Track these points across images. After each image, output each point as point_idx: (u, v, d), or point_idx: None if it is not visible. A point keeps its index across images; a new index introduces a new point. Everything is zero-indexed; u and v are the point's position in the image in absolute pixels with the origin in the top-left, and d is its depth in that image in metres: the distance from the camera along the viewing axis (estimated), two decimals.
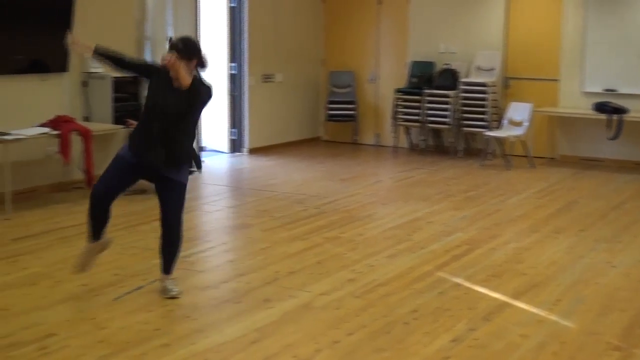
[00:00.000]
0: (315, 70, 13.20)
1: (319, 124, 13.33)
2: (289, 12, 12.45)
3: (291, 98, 12.75)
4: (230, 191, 9.39)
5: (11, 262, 6.07)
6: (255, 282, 5.64)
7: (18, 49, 8.27)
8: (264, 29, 11.96)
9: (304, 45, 12.92)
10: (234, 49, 11.69)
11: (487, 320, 4.93)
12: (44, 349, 4.39)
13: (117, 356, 4.32)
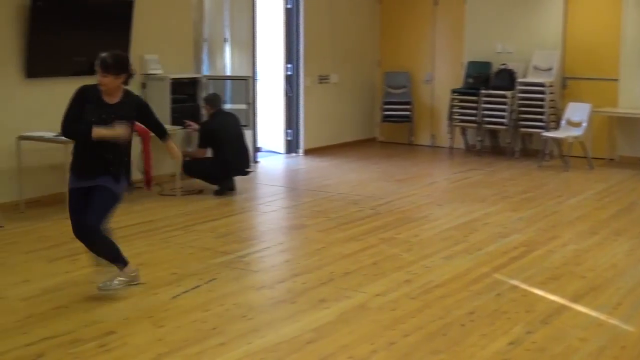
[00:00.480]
0: (370, 71, 13.18)
1: (374, 125, 13.31)
2: (345, 13, 12.46)
3: (347, 99, 12.76)
4: (286, 192, 9.43)
5: (72, 261, 6.17)
6: (311, 282, 5.66)
7: (78, 51, 8.41)
8: (319, 30, 11.99)
9: (360, 46, 12.91)
10: (290, 50, 11.74)
11: (545, 323, 4.87)
12: (104, 346, 4.46)
13: (175, 355, 4.36)
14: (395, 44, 13.05)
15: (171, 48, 9.58)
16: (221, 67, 10.30)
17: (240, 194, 8.89)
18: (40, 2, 7.81)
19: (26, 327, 4.73)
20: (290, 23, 11.69)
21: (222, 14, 10.20)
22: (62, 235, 6.95)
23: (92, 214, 5.17)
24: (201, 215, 7.79)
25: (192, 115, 9.40)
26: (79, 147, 5.30)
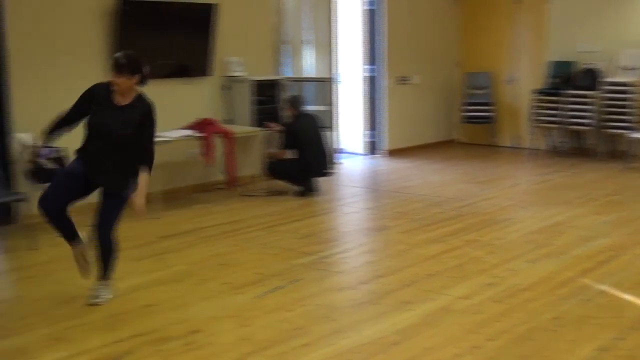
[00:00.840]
0: (451, 71, 13.09)
1: (454, 126, 13.22)
2: (426, 13, 12.40)
3: (427, 100, 12.70)
4: (368, 193, 9.44)
5: (159, 260, 6.31)
6: (393, 283, 5.65)
7: (164, 54, 8.59)
8: (400, 31, 11.96)
9: (440, 47, 12.83)
10: (370, 51, 11.74)
11: (635, 329, 4.76)
12: (190, 345, 4.54)
13: (259, 354, 4.41)
14: (475, 44, 12.93)
15: (253, 50, 9.69)
16: (302, 69, 10.36)
17: (322, 195, 8.93)
18: (126, 6, 8.00)
19: (116, 324, 4.85)
20: (371, 24, 11.69)
21: (302, 15, 10.26)
22: (149, 234, 7.11)
23: (105, 222, 5.20)
24: (284, 216, 7.86)
25: (273, 117, 9.49)
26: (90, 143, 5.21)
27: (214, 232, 7.20)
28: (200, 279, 5.80)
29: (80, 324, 4.87)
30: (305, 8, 10.32)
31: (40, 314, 5.04)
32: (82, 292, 5.47)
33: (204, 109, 9.10)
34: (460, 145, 12.95)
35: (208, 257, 6.39)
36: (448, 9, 12.89)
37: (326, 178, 9.14)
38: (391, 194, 9.06)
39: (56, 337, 4.64)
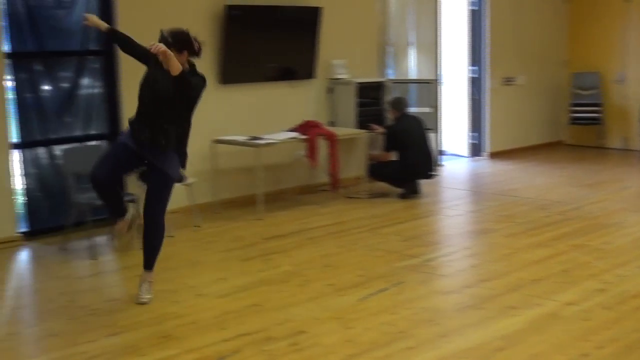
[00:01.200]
0: (557, 72, 12.82)
1: (561, 128, 12.94)
2: (531, 13, 12.19)
3: (532, 101, 12.48)
4: (471, 195, 9.35)
5: (264, 260, 6.41)
6: (498, 288, 5.58)
7: (271, 58, 8.72)
8: (505, 31, 11.80)
9: (546, 47, 12.59)
10: (474, 52, 11.62)
11: None
12: (295, 345, 4.59)
13: (363, 356, 4.42)
14: (583, 44, 12.63)
15: (357, 53, 9.73)
16: (405, 71, 10.35)
17: (425, 197, 8.90)
18: (234, 11, 8.15)
19: (223, 323, 4.95)
20: (474, 25, 11.57)
21: (407, 17, 10.24)
22: (254, 235, 7.23)
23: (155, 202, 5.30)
24: (387, 218, 7.87)
25: (377, 119, 9.51)
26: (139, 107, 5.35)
27: (318, 234, 7.26)
28: (305, 279, 5.87)
29: (188, 322, 4.99)
30: (411, 9, 10.29)
31: (149, 312, 5.18)
32: (190, 290, 5.63)
33: (309, 111, 9.19)
34: (567, 147, 12.67)
35: (313, 258, 6.45)
36: (555, 8, 12.63)
37: (429, 180, 9.09)
38: (495, 196, 8.95)
39: (165, 335, 4.77)
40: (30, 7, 7.03)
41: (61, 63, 7.38)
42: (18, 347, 4.71)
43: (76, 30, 7.38)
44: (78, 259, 6.60)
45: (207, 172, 8.19)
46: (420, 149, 8.80)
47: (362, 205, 8.50)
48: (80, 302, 5.42)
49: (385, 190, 9.07)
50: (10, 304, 5.44)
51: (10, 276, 6.20)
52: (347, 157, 9.46)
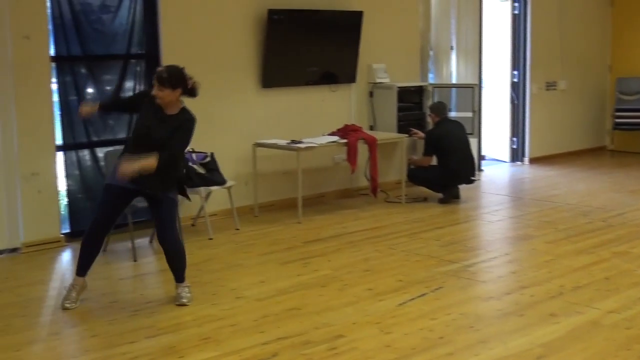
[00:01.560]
0: (601, 77, 12.69)
1: (604, 133, 12.80)
2: (575, 17, 12.07)
3: (575, 106, 12.36)
4: (511, 201, 9.27)
5: (304, 264, 6.42)
6: (539, 295, 5.54)
7: (312, 62, 8.75)
8: (547, 36, 11.70)
9: (590, 52, 12.47)
10: (516, 56, 11.54)
11: None
12: (334, 350, 4.59)
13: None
14: (628, 48, 12.47)
15: (398, 57, 9.71)
16: (447, 75, 10.31)
17: (465, 202, 8.85)
18: (276, 15, 8.18)
19: (262, 327, 4.97)
20: (517, 29, 11.50)
21: (449, 21, 10.20)
22: (294, 239, 7.25)
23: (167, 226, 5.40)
24: (426, 223, 7.84)
25: (417, 123, 9.48)
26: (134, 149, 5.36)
27: (358, 238, 7.26)
28: (344, 284, 5.87)
29: (228, 324, 5.02)
30: (453, 13, 10.23)
31: (189, 314, 5.22)
32: (230, 293, 5.66)
33: (349, 115, 9.20)
34: (610, 153, 12.52)
35: (352, 262, 6.45)
36: (599, 12, 12.50)
37: (469, 185, 9.04)
38: (536, 202, 8.87)
39: (205, 337, 4.80)
40: (76, 11, 7.12)
41: (105, 66, 7.47)
42: (60, 347, 4.77)
43: (120, 34, 7.47)
44: (119, 261, 6.67)
45: (247, 175, 8.24)
46: (461, 153, 8.76)
47: (402, 210, 8.48)
48: (121, 304, 5.48)
49: (425, 194, 9.04)
50: (52, 305, 5.51)
51: (53, 277, 6.28)
52: (387, 162, 9.45)
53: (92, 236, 5.43)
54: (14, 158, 6.78)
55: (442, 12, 10.13)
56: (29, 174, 6.87)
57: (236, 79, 8.21)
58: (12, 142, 6.76)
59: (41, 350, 4.71)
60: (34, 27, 6.81)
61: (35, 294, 5.77)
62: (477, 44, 10.58)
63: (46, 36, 6.93)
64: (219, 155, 7.56)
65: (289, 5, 8.38)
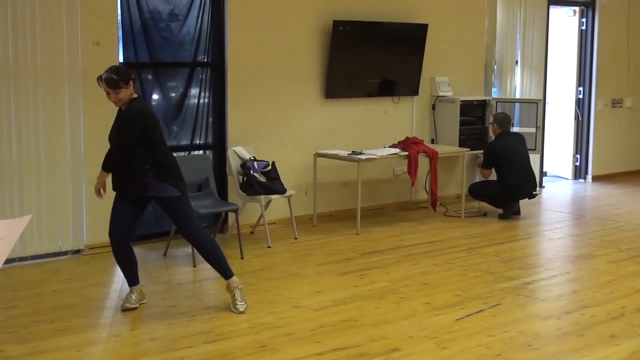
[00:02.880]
0: None
1: None
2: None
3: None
4: (573, 219, 9.14)
5: (361, 276, 6.42)
6: (599, 315, 5.45)
7: (375, 73, 8.76)
8: (614, 52, 11.53)
9: None
10: (582, 72, 11.40)
11: None
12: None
13: None
14: None
15: (462, 70, 9.67)
16: (510, 90, 10.22)
17: (525, 218, 8.76)
18: (341, 26, 8.22)
19: (318, 337, 4.98)
20: (583, 45, 11.36)
21: (515, 36, 10.11)
22: (351, 250, 7.26)
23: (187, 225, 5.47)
24: (485, 238, 7.78)
25: (480, 137, 9.42)
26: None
27: (416, 251, 7.24)
28: (401, 297, 5.86)
29: (284, 333, 5.05)
30: (519, 28, 10.14)
31: (246, 321, 5.27)
32: (287, 302, 5.68)
33: (411, 127, 9.19)
34: None
35: (409, 275, 6.44)
36: None
37: (530, 201, 8.94)
38: (598, 221, 8.74)
39: (261, 345, 4.84)
40: (145, 18, 7.25)
41: (171, 73, 7.59)
42: (119, 349, 4.85)
43: (187, 42, 7.58)
44: (179, 266, 6.76)
45: (307, 185, 8.28)
46: (520, 168, 8.66)
47: (461, 224, 8.43)
48: (180, 308, 5.55)
49: (486, 209, 8.98)
50: (113, 306, 5.61)
51: (114, 279, 6.38)
52: (447, 175, 9.41)
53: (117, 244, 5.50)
54: (80, 161, 6.92)
55: (507, 27, 10.05)
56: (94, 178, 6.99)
57: (299, 89, 8.27)
58: (79, 146, 6.91)
59: (100, 351, 4.80)
60: (104, 33, 6.96)
61: (96, 296, 5.89)
62: (543, 59, 10.47)
63: (115, 42, 7.07)
64: (280, 164, 7.61)
65: (354, 17, 8.42)
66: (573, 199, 10.61)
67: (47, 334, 5.02)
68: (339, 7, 8.38)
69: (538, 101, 9.89)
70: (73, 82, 6.82)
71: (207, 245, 5.53)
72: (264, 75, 7.98)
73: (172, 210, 5.44)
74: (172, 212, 5.46)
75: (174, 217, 5.52)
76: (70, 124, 6.85)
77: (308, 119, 8.35)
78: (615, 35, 11.52)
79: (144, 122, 5.25)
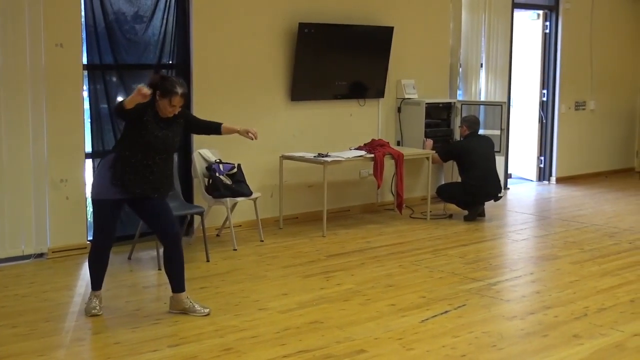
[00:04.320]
0: (631, 97, 12.63)
1: (633, 155, 12.72)
2: (606, 37, 12.00)
3: (604, 126, 12.30)
4: (537, 220, 9.22)
5: (326, 278, 6.43)
6: (563, 316, 5.50)
7: (341, 76, 8.77)
8: (578, 56, 11.66)
9: (620, 72, 12.40)
10: (546, 75, 11.52)
11: None
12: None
13: None
14: None
15: (427, 73, 9.72)
16: (475, 92, 10.29)
17: (490, 220, 8.82)
18: (306, 29, 8.22)
19: (284, 339, 4.97)
20: (547, 48, 11.47)
21: (479, 39, 10.18)
22: (317, 252, 7.26)
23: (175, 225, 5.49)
24: (451, 240, 7.83)
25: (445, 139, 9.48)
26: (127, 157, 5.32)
27: (381, 253, 7.26)
28: (366, 298, 5.87)
29: (249, 336, 5.03)
30: (483, 31, 10.21)
31: (212, 324, 5.24)
32: (253, 304, 5.67)
33: (377, 130, 9.21)
34: (638, 175, 12.42)
35: (375, 277, 6.45)
36: (630, 32, 12.44)
37: (495, 203, 9.01)
38: (562, 222, 8.83)
39: (226, 348, 4.81)
40: (109, 20, 7.20)
41: (136, 75, 7.54)
42: (83, 354, 4.81)
43: (152, 44, 7.54)
44: (144, 269, 6.72)
45: (273, 188, 8.27)
46: (484, 170, 8.71)
47: (426, 226, 8.47)
48: (145, 312, 5.52)
49: (451, 211, 9.03)
50: (77, 310, 5.56)
51: (78, 282, 6.33)
52: (413, 178, 9.45)
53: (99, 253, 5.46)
54: (43, 164, 6.86)
55: (472, 30, 10.12)
56: (58, 181, 6.95)
57: (265, 92, 8.26)
58: (42, 149, 6.84)
59: (64, 355, 4.75)
60: (67, 35, 6.90)
61: (60, 300, 5.82)
62: (507, 62, 10.56)
63: (79, 44, 7.02)
64: (245, 167, 7.60)
65: (319, 19, 8.42)
66: (537, 201, 10.70)
67: (10, 338, 4.96)
68: (304, 9, 8.38)
69: (503, 104, 9.96)
70: (36, 84, 6.75)
71: (181, 250, 5.45)
72: (229, 78, 7.96)
73: (161, 203, 5.41)
74: (161, 205, 5.41)
75: (163, 211, 5.42)
76: (33, 126, 6.78)
77: (274, 121, 8.34)
78: (578, 39, 11.65)
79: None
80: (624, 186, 11.37)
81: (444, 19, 9.88)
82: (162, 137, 5.30)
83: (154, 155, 5.30)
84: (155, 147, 5.29)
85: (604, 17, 11.93)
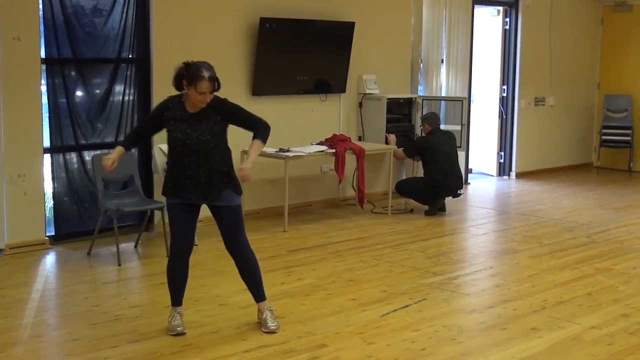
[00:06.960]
0: (589, 94, 12.76)
1: (591, 150, 12.87)
2: (564, 34, 12.12)
3: (562, 122, 12.42)
4: (497, 215, 9.30)
5: (288, 273, 6.43)
6: (521, 309, 5.56)
7: (303, 71, 8.77)
8: (537, 52, 11.76)
9: (578, 69, 12.53)
10: (506, 71, 11.61)
11: None
12: (316, 359, 4.60)
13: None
14: (617, 66, 12.56)
15: (388, 68, 9.75)
16: (436, 88, 10.34)
17: (450, 215, 8.88)
18: (268, 24, 8.20)
19: (245, 334, 4.97)
20: (507, 44, 11.56)
21: (440, 35, 10.23)
22: (278, 247, 7.26)
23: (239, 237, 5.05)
24: (411, 235, 7.86)
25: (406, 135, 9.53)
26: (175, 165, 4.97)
27: (343, 248, 7.27)
28: (327, 293, 5.88)
29: (210, 331, 5.03)
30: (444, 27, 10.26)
31: None
32: (213, 300, 5.65)
33: (338, 125, 9.22)
34: (596, 170, 12.58)
35: (336, 272, 6.46)
36: (589, 30, 12.58)
37: (455, 198, 9.06)
38: (521, 217, 8.91)
39: (186, 344, 4.80)
40: (67, 13, 7.12)
41: (95, 69, 7.47)
42: (41, 350, 4.76)
43: (112, 38, 7.47)
44: (104, 265, 6.65)
45: None
46: (446, 166, 8.76)
47: (388, 221, 8.50)
48: (104, 308, 5.47)
49: (412, 206, 9.07)
50: (35, 307, 5.49)
51: (36, 279, 6.26)
52: (374, 173, 9.47)
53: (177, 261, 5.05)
54: (1, 159, 6.77)
55: (433, 26, 10.17)
56: (16, 176, 6.85)
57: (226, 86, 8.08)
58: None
59: (22, 352, 4.69)
60: (25, 28, 6.80)
61: (18, 296, 5.75)
62: (468, 58, 10.62)
63: (37, 38, 6.92)
64: None
65: (281, 14, 8.40)
66: (497, 196, 10.80)
67: None
68: (265, 4, 8.36)
69: (463, 99, 10.03)
70: None
71: (252, 260, 5.11)
72: None
73: (229, 218, 5.00)
74: (229, 220, 5.00)
75: (228, 225, 5.03)
76: None
77: None
78: (538, 35, 11.75)
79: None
80: (582, 181, 11.50)
81: (405, 14, 9.91)
82: (183, 138, 4.83)
83: (182, 158, 4.86)
84: (177, 149, 4.88)
85: (563, 14, 12.05)
